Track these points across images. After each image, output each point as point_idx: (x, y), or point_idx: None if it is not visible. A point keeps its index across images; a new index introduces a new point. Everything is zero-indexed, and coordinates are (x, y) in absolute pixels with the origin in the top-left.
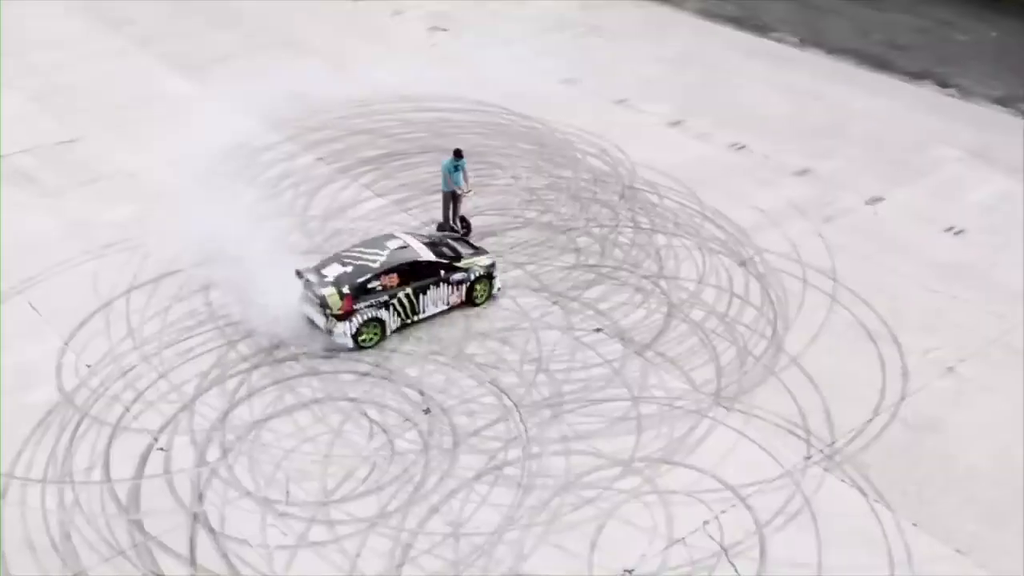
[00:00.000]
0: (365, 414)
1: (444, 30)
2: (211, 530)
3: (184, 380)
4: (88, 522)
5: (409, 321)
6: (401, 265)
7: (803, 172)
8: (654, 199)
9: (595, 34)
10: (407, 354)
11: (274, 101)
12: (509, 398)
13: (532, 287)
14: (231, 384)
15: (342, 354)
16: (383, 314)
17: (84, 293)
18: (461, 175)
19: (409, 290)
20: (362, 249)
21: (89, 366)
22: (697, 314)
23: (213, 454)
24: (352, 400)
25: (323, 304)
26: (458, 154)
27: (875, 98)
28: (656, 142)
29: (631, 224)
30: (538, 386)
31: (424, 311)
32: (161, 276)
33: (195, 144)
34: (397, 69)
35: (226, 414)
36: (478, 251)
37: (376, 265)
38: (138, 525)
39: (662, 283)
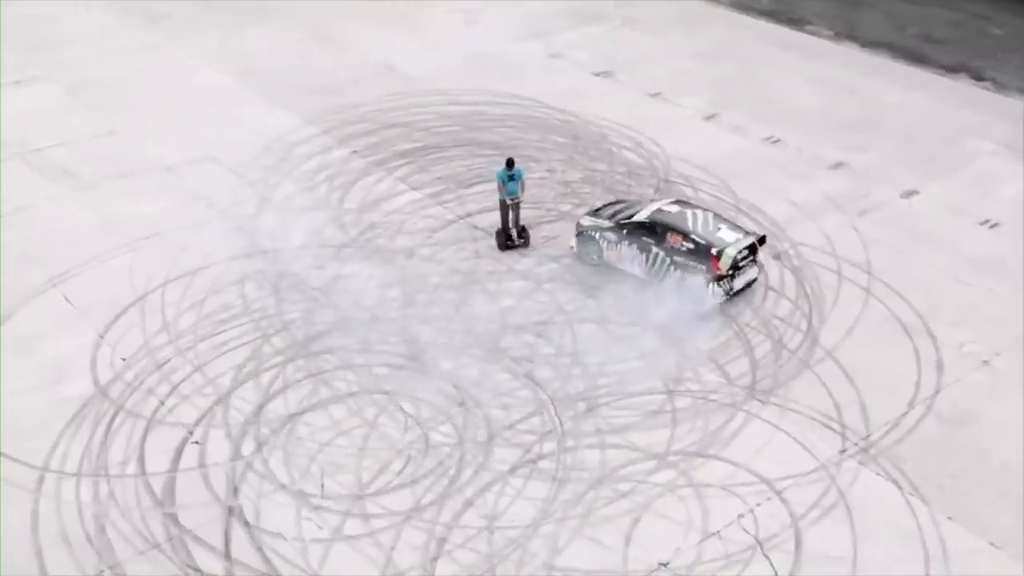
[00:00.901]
0: (400, 407)
1: (477, 23)
2: (246, 524)
3: (219, 373)
4: (123, 515)
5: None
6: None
7: (838, 165)
8: (689, 192)
9: (630, 27)
10: (442, 347)
11: (306, 95)
12: (544, 392)
13: (567, 280)
14: (266, 378)
15: (376, 347)
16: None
17: (119, 286)
18: (518, 184)
19: None
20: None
21: (124, 359)
22: (732, 307)
23: (248, 447)
24: (387, 393)
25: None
26: (510, 163)
27: (910, 92)
28: (691, 135)
29: None
30: (573, 380)
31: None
32: (196, 269)
33: (230, 138)
34: (430, 63)
35: (261, 407)
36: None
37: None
38: (173, 519)
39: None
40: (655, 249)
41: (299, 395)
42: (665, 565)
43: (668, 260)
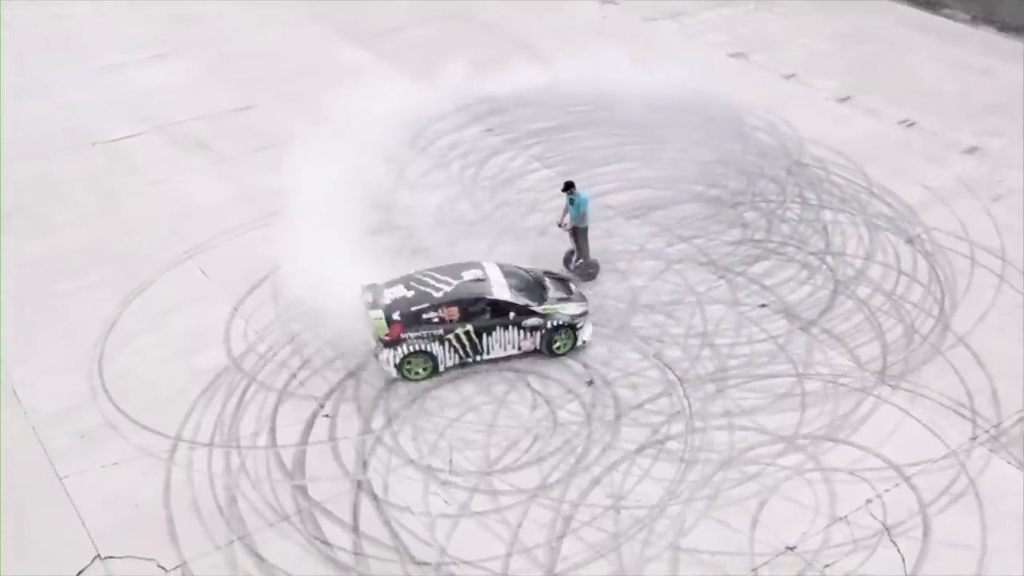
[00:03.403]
0: (529, 385)
1: (615, 3)
2: (374, 497)
3: (351, 347)
4: (253, 487)
5: (470, 360)
6: (465, 299)
7: (972, 150)
8: (821, 174)
9: (766, 8)
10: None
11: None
12: (673, 372)
13: (699, 261)
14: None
15: None
16: (435, 348)
17: (253, 259)
18: (577, 211)
19: (470, 327)
20: (435, 275)
21: (257, 332)
22: (863, 291)
23: (378, 422)
24: (516, 371)
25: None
26: (568, 187)
27: None
28: (824, 117)
29: (798, 199)
30: (702, 360)
31: (488, 352)
32: (332, 243)
33: (367, 113)
34: (565, 41)
35: (391, 382)
36: (571, 297)
37: (438, 295)
38: (302, 491)
39: (828, 259)
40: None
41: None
42: (792, 549)
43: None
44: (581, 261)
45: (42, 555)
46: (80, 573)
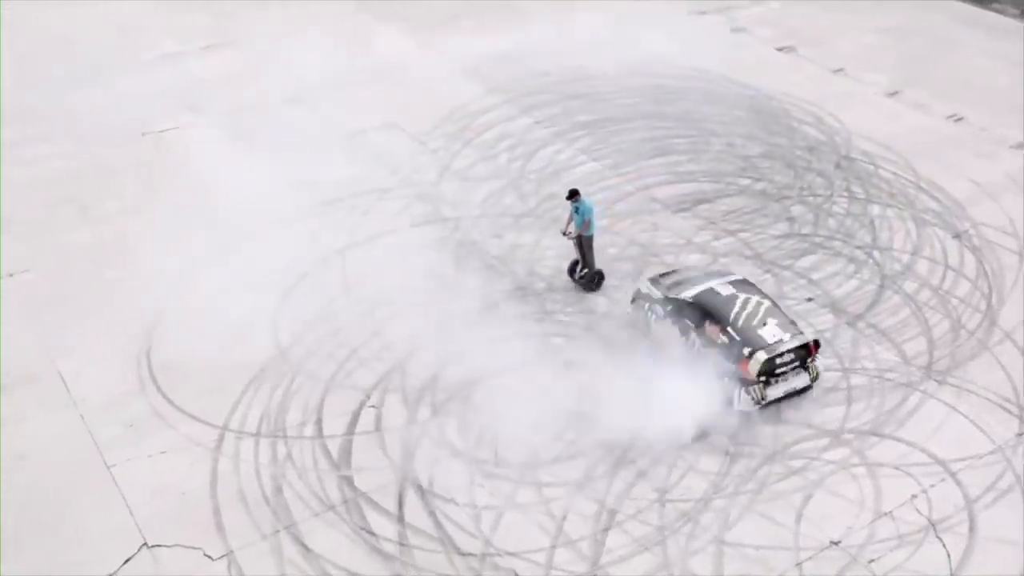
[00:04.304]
0: (575, 377)
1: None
2: (420, 488)
3: (397, 339)
4: (300, 477)
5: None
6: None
7: (1021, 145)
8: (869, 169)
9: (813, 2)
10: (618, 318)
11: (490, 65)
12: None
13: (745, 255)
14: (443, 344)
15: (553, 317)
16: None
17: (301, 250)
18: (583, 218)
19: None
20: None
21: (304, 322)
22: (910, 286)
23: (424, 413)
24: (563, 363)
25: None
26: (572, 194)
27: None
28: (873, 112)
29: (846, 194)
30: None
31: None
32: (378, 234)
33: (413, 105)
34: (612, 34)
35: (437, 374)
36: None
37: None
38: (348, 481)
39: (875, 254)
40: (692, 335)
41: (476, 362)
42: (836, 543)
43: (703, 351)
44: (586, 271)
45: (90, 543)
46: (127, 562)
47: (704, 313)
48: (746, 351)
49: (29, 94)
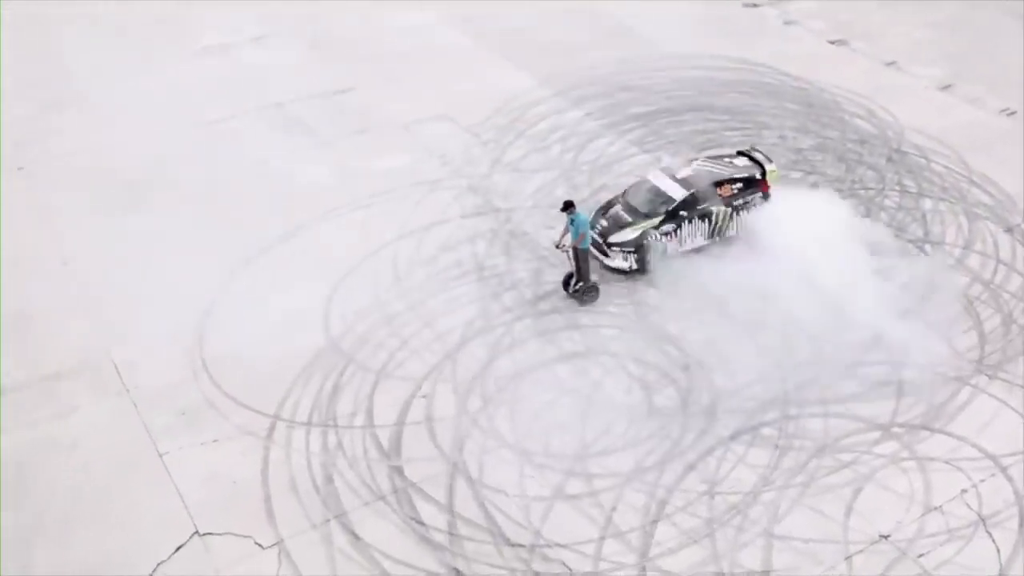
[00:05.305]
0: (625, 369)
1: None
2: (469, 479)
3: (448, 329)
4: (350, 466)
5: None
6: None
7: None
8: (921, 162)
9: None
10: (669, 310)
11: (542, 57)
12: (769, 358)
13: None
14: (494, 335)
15: (604, 308)
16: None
17: (353, 240)
18: (578, 230)
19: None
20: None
21: (356, 312)
22: (961, 280)
23: (474, 403)
24: (613, 354)
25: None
26: (567, 206)
27: None
28: (925, 105)
29: (897, 187)
30: (799, 347)
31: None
32: (429, 225)
33: (466, 97)
34: (664, 27)
35: (488, 364)
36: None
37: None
38: (398, 471)
39: (927, 248)
40: (714, 210)
41: (526, 353)
42: (886, 537)
43: (730, 211)
44: (580, 284)
45: (142, 530)
46: (179, 549)
47: (709, 190)
48: (757, 175)
49: (83, 83)
